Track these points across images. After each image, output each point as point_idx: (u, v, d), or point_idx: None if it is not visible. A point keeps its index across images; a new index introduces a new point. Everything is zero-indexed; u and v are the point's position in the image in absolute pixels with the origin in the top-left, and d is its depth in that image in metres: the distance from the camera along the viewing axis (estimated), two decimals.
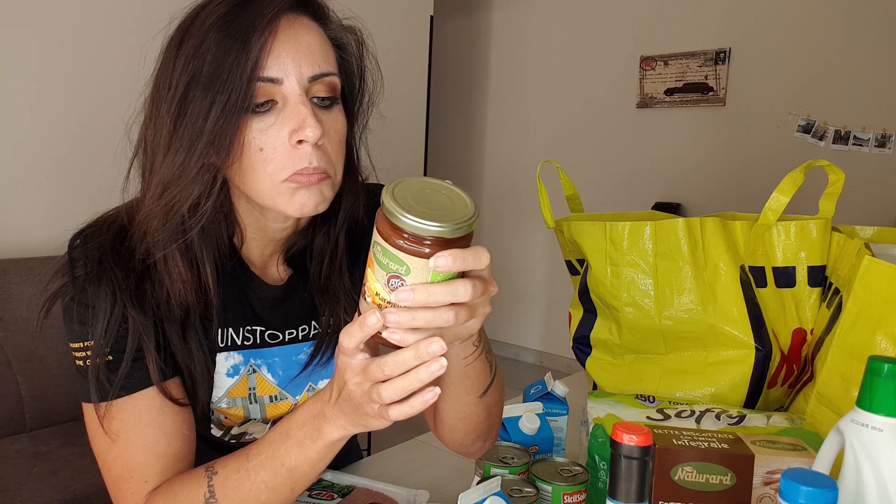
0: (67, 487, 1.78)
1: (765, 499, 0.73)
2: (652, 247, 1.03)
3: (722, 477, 0.73)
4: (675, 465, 0.74)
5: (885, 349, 0.82)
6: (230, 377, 0.76)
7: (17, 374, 2.08)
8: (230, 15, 0.63)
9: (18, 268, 2.12)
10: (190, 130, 0.62)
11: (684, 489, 0.74)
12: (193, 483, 0.65)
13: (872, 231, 1.11)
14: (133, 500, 0.67)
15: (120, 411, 0.68)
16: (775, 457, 0.73)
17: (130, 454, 0.67)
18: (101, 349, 0.67)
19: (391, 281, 0.51)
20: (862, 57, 3.20)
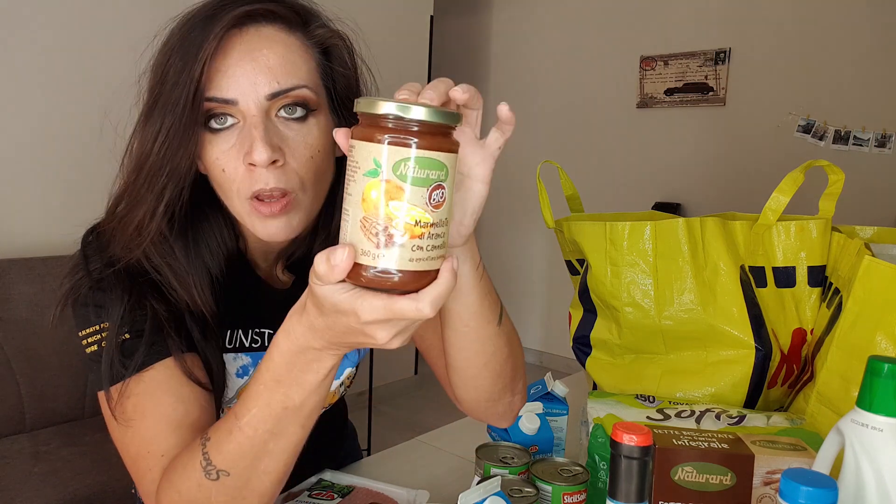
0: (67, 487, 1.78)
1: (765, 499, 0.73)
2: (652, 247, 1.03)
3: (722, 477, 0.73)
4: (675, 465, 0.74)
5: (885, 349, 0.82)
6: (240, 377, 0.76)
7: (17, 375, 2.09)
8: (189, 34, 0.62)
9: (18, 268, 2.12)
10: (142, 149, 0.63)
11: (684, 489, 0.74)
12: (189, 454, 0.60)
13: (872, 231, 1.11)
14: (150, 477, 0.63)
15: (137, 387, 0.65)
16: (775, 457, 0.73)
17: (146, 427, 0.64)
18: (119, 330, 0.66)
19: (434, 194, 0.45)
20: (862, 57, 3.20)
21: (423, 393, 3.83)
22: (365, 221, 0.45)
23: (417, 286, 0.47)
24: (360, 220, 0.46)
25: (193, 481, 0.58)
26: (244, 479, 0.58)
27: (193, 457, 0.59)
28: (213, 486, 0.57)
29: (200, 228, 0.71)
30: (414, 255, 0.46)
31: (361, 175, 0.45)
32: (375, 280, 0.46)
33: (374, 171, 0.45)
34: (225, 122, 0.64)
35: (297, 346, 0.54)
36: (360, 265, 0.46)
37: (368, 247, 0.46)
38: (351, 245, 0.46)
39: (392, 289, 0.47)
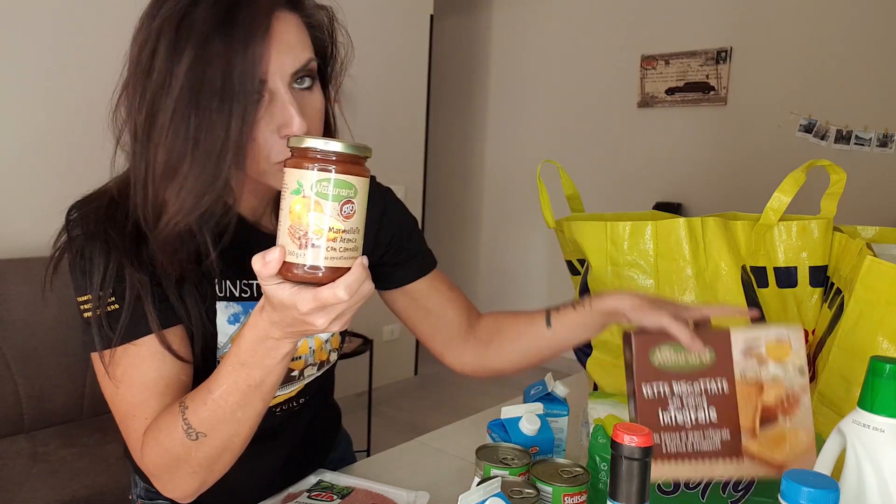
0: (66, 488, 1.78)
1: (748, 371, 0.77)
2: (653, 247, 1.02)
3: (700, 356, 0.77)
4: (653, 348, 0.77)
5: (887, 350, 0.82)
6: (232, 325, 0.82)
7: (15, 375, 2.08)
8: (228, 19, 0.65)
9: (16, 268, 2.12)
10: (213, 139, 0.65)
11: (664, 370, 0.77)
12: (171, 419, 0.71)
13: (874, 231, 1.11)
14: (136, 435, 0.74)
15: (123, 357, 0.74)
16: (752, 330, 0.78)
17: (133, 395, 0.74)
18: (102, 300, 0.73)
19: (345, 208, 0.57)
20: (864, 56, 3.20)
21: (423, 394, 3.83)
22: (291, 229, 0.57)
23: (335, 278, 0.58)
24: (287, 227, 0.57)
25: (177, 441, 0.70)
26: (221, 438, 0.70)
27: (175, 421, 0.70)
28: (194, 445, 0.70)
29: None
30: (329, 255, 0.57)
31: (289, 193, 0.57)
32: (300, 275, 0.58)
33: (298, 189, 0.57)
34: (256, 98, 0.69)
35: (259, 336, 0.65)
36: (290, 263, 0.58)
37: (293, 248, 0.57)
38: (282, 247, 0.58)
39: (315, 282, 0.58)
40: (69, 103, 2.35)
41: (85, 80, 2.37)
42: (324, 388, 1.01)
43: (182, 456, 0.71)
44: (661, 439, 0.77)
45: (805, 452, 0.76)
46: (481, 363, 1.00)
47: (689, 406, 0.77)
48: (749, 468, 0.76)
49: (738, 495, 0.85)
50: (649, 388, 0.77)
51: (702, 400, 0.77)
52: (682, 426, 0.77)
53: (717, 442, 0.77)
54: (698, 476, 0.77)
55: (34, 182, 2.31)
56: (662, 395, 0.77)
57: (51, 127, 2.33)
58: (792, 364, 0.77)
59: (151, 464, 0.73)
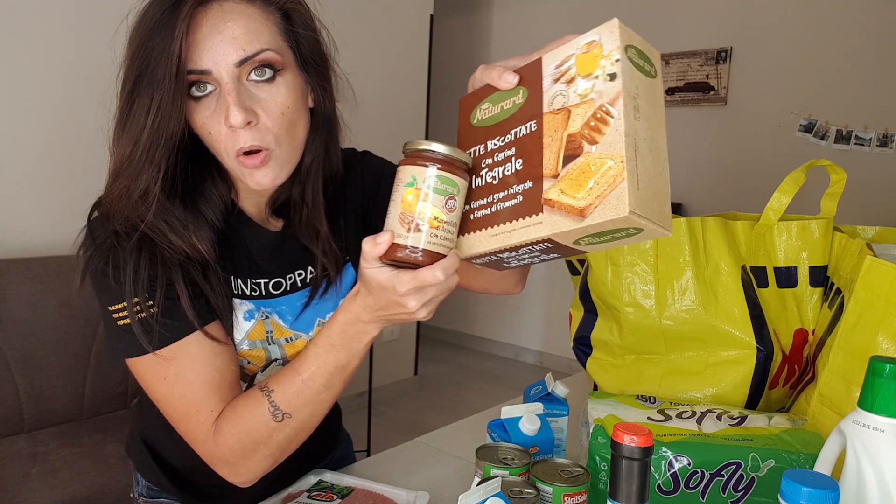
0: (66, 488, 1.78)
1: (556, 98, 0.61)
2: (653, 247, 1.02)
3: (514, 98, 0.65)
4: (475, 107, 0.69)
5: (887, 350, 0.82)
6: (247, 321, 0.84)
7: (15, 375, 2.08)
8: (163, 15, 0.68)
9: (17, 268, 2.12)
10: (135, 124, 0.69)
11: (481, 128, 0.68)
12: (254, 402, 0.75)
13: (874, 231, 1.11)
14: (204, 427, 0.76)
15: (174, 357, 0.75)
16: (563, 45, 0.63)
17: (193, 392, 0.76)
18: (141, 302, 0.74)
19: (448, 202, 0.63)
20: (864, 56, 3.20)
21: (423, 394, 3.83)
22: (402, 215, 0.63)
23: (433, 261, 0.64)
24: (398, 214, 0.63)
25: (262, 423, 0.74)
26: (301, 419, 0.75)
27: (259, 404, 0.74)
28: (278, 426, 0.74)
29: (201, 184, 0.80)
30: (431, 240, 0.63)
31: (403, 185, 0.64)
32: (406, 257, 0.63)
33: (412, 182, 0.63)
34: (204, 89, 0.71)
35: (351, 319, 0.70)
36: (396, 245, 0.63)
37: (402, 231, 0.63)
38: (391, 231, 0.63)
39: (416, 263, 0.64)
40: (70, 104, 2.35)
41: (87, 79, 2.37)
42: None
43: (264, 438, 0.75)
44: (471, 206, 0.67)
45: (611, 184, 0.54)
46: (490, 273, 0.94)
47: (498, 162, 0.64)
48: (548, 223, 0.58)
49: (738, 495, 0.85)
50: (468, 154, 0.67)
51: (510, 151, 0.63)
52: (489, 188, 0.65)
53: (519, 197, 0.62)
54: (500, 245, 0.63)
55: (35, 182, 2.31)
56: (478, 155, 0.67)
57: (52, 127, 2.33)
58: (602, 71, 0.58)
59: (228, 450, 0.76)
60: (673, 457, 0.83)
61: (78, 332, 2.20)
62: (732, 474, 0.82)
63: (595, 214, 0.54)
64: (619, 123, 0.55)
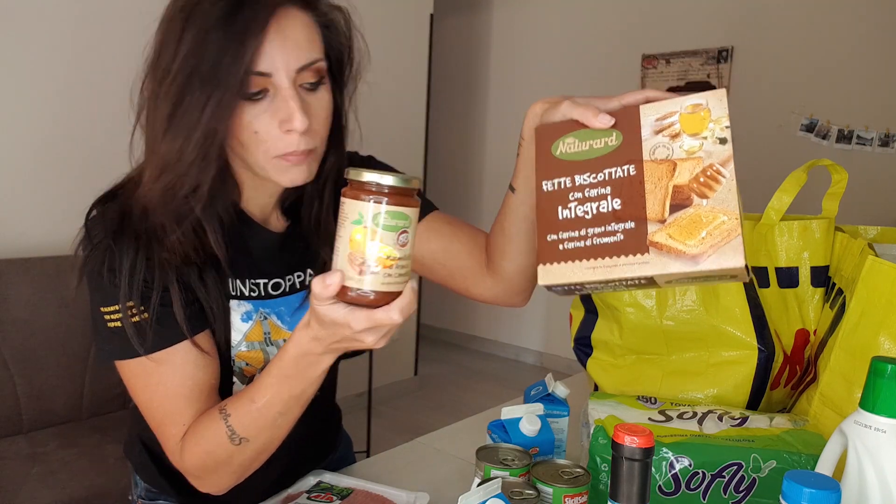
0: (65, 489, 1.78)
1: (658, 149, 0.65)
2: None
3: (606, 139, 0.67)
4: (557, 140, 0.69)
5: (889, 350, 0.81)
6: (244, 322, 0.85)
7: (14, 375, 2.08)
8: (230, 14, 0.69)
9: (16, 268, 2.12)
10: (188, 120, 0.69)
11: (566, 162, 0.68)
12: (213, 425, 0.75)
13: (876, 231, 1.10)
14: (174, 440, 0.78)
15: (158, 365, 0.76)
16: (665, 100, 0.66)
17: (171, 402, 0.77)
18: (135, 306, 0.74)
19: (401, 237, 0.62)
20: (865, 55, 3.20)
21: (422, 394, 3.83)
22: (351, 256, 0.61)
23: (388, 301, 0.63)
24: (347, 254, 0.61)
25: (221, 445, 0.75)
26: (260, 443, 0.76)
27: (218, 428, 0.75)
28: (236, 449, 0.75)
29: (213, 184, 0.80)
30: (385, 280, 0.62)
31: (350, 223, 0.61)
32: (357, 298, 0.62)
33: (359, 220, 0.61)
34: (260, 91, 0.72)
35: (302, 352, 0.69)
36: (347, 287, 0.62)
37: (352, 274, 0.61)
38: (340, 271, 0.61)
39: (370, 305, 0.62)
40: (71, 102, 2.36)
41: (88, 78, 2.37)
42: (326, 389, 1.01)
43: (224, 459, 0.76)
44: (558, 237, 0.67)
45: (726, 238, 0.61)
46: (502, 285, 0.92)
47: (591, 198, 0.66)
48: (656, 263, 0.63)
49: (739, 496, 0.84)
50: (550, 184, 0.68)
51: (605, 190, 0.66)
52: (582, 221, 0.66)
53: (620, 235, 0.65)
54: (597, 278, 0.65)
55: (34, 182, 2.31)
56: (563, 187, 0.68)
57: (52, 126, 2.33)
58: (711, 134, 0.64)
59: (192, 466, 0.78)
60: (674, 457, 0.83)
61: (77, 333, 2.20)
62: (734, 475, 0.82)
63: (709, 262, 0.61)
64: (732, 184, 0.64)
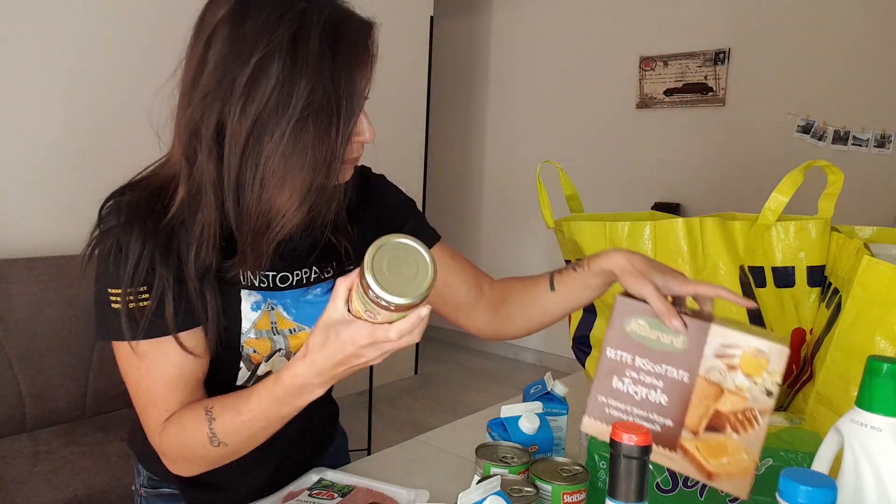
0: (68, 487, 1.78)
1: (713, 371, 0.72)
2: (651, 247, 1.03)
3: (674, 338, 0.73)
4: (630, 317, 0.74)
5: (884, 349, 0.82)
6: (254, 311, 0.87)
7: (17, 375, 2.09)
8: (334, 47, 0.73)
9: (19, 268, 2.12)
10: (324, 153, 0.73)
11: (634, 341, 0.74)
12: (197, 423, 0.78)
13: (872, 231, 1.11)
14: (156, 423, 0.81)
15: (149, 351, 0.79)
16: (736, 332, 0.71)
17: (156, 388, 0.80)
18: (135, 293, 0.77)
19: (367, 314, 0.65)
20: (861, 57, 3.21)
21: (423, 393, 3.83)
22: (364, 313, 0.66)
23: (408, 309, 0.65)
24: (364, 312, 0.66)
25: (199, 443, 0.78)
26: (236, 447, 0.79)
27: (200, 426, 0.77)
28: (213, 449, 0.78)
29: None
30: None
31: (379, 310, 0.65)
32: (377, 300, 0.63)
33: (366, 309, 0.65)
34: None
35: (300, 383, 0.72)
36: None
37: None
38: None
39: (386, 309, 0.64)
40: (73, 103, 2.36)
41: (90, 80, 2.38)
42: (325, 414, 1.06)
43: (201, 455, 0.79)
44: (607, 402, 0.75)
45: (741, 473, 0.70)
46: (493, 328, 1.02)
47: (644, 383, 0.74)
48: (678, 463, 0.73)
49: None
50: (614, 353, 0.75)
51: (658, 382, 0.73)
52: (631, 398, 0.74)
53: (658, 427, 0.73)
54: None
55: (38, 182, 2.32)
56: (624, 361, 0.75)
57: (56, 127, 2.33)
58: (763, 382, 0.71)
59: (169, 451, 0.81)
60: None
61: (80, 332, 2.20)
62: None
63: (719, 483, 0.71)
64: (762, 433, 0.70)
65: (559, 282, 0.94)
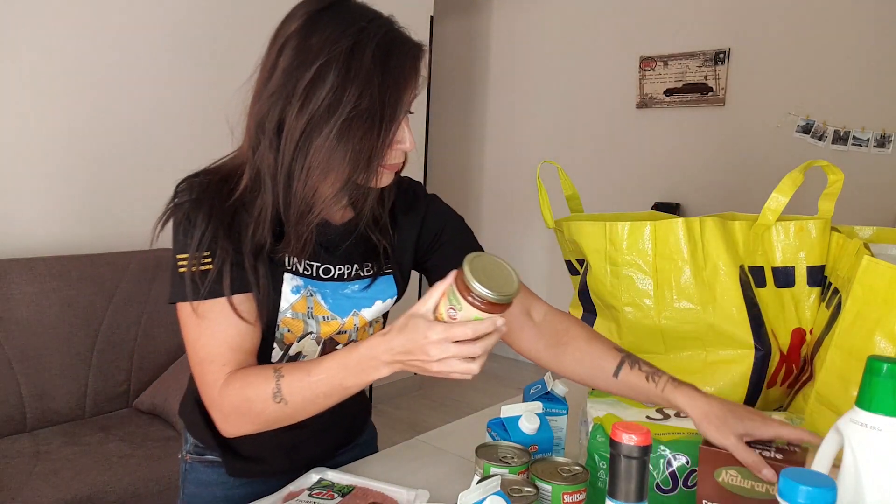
0: (68, 487, 1.78)
1: None
2: (651, 247, 1.03)
3: (769, 486, 0.71)
4: (719, 468, 0.73)
5: (884, 349, 0.82)
6: (294, 294, 0.94)
7: (17, 375, 2.09)
8: (386, 62, 0.84)
9: (19, 268, 2.12)
10: (366, 151, 0.83)
11: (727, 491, 0.72)
12: (264, 378, 0.84)
13: (871, 231, 1.11)
14: (213, 378, 0.87)
15: (210, 311, 0.86)
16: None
17: (214, 344, 0.87)
18: (198, 258, 0.85)
19: (450, 311, 0.74)
20: (861, 57, 3.21)
21: (423, 393, 3.83)
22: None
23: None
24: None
25: (261, 398, 0.83)
26: (295, 409, 0.84)
27: (267, 381, 0.83)
28: (274, 407, 0.83)
29: None
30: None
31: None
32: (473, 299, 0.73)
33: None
34: None
35: (371, 355, 0.78)
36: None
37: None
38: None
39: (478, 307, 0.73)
40: (74, 103, 2.36)
41: (90, 80, 2.38)
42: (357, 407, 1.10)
43: (258, 410, 0.84)
44: None
45: None
46: (538, 354, 1.03)
47: None
48: None
49: None
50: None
51: None
52: None
53: None
54: None
55: (39, 182, 2.32)
56: None
57: (56, 126, 2.33)
58: None
59: (227, 405, 0.86)
60: (671, 455, 0.84)
61: (80, 332, 2.20)
62: None
63: None
64: None
65: (625, 375, 0.91)
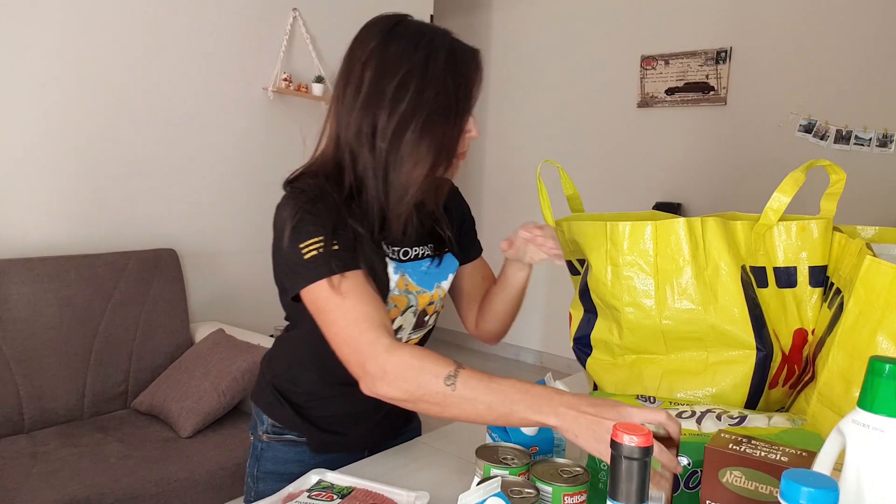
0: (66, 488, 1.78)
1: None
2: (653, 247, 1.03)
3: (773, 488, 0.71)
4: (725, 468, 0.72)
5: (887, 350, 0.82)
6: (395, 274, 1.07)
7: (15, 375, 2.09)
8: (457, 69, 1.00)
9: (18, 268, 2.12)
10: (446, 141, 1.01)
11: (731, 492, 0.72)
12: (444, 361, 0.88)
13: (874, 231, 1.11)
14: (376, 338, 0.90)
15: (349, 280, 0.94)
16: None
17: (362, 304, 0.93)
18: (328, 240, 0.95)
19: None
20: (864, 56, 3.20)
21: None
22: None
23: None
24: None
25: (435, 372, 0.86)
26: (454, 399, 0.85)
27: (447, 365, 0.87)
28: (440, 387, 0.85)
29: None
30: None
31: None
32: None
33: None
34: None
35: (555, 399, 0.80)
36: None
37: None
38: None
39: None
40: (74, 104, 2.36)
41: (90, 81, 2.38)
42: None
43: (424, 382, 0.86)
44: None
45: None
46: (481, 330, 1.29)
47: None
48: None
49: None
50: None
51: None
52: None
53: None
54: None
55: (37, 182, 2.32)
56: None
57: (54, 127, 2.33)
58: None
59: (396, 364, 0.88)
60: None
61: (78, 332, 2.20)
62: None
63: None
64: None
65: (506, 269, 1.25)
